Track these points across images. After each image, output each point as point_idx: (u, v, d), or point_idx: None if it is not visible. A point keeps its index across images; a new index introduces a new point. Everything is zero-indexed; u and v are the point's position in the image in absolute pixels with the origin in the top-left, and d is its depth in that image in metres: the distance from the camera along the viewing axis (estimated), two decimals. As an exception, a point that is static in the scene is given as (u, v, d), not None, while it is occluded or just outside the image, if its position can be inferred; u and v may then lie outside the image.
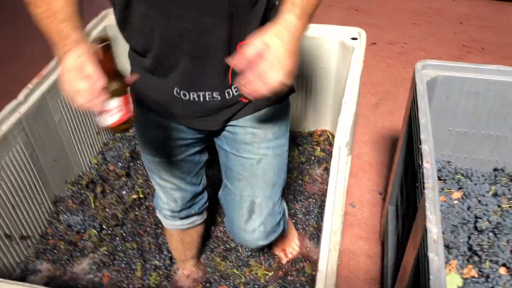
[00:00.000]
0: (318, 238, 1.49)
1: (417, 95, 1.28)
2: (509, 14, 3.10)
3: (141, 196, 1.59)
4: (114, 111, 0.81)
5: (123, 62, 0.98)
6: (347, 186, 1.97)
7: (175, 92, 0.94)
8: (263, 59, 0.73)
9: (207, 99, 0.94)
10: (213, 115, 0.99)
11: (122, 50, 0.94)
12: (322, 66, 1.69)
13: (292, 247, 1.47)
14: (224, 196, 1.19)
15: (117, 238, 1.49)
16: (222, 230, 1.52)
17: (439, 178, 1.53)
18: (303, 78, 1.75)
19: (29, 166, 1.40)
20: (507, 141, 1.48)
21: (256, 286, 1.36)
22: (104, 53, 0.79)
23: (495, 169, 1.53)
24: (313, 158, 1.79)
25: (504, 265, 1.23)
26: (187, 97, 0.94)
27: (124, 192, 1.60)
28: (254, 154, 1.06)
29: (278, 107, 1.05)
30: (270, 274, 1.40)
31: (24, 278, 1.37)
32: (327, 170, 1.77)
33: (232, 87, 0.95)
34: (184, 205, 1.18)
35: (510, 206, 1.36)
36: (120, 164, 1.68)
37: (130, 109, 0.83)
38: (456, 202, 1.42)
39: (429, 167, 1.08)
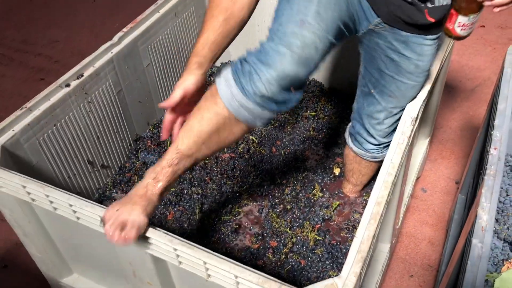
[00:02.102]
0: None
1: (502, 79, 1.20)
2: None
3: (212, 146, 1.68)
4: (471, 26, 1.02)
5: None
6: (423, 170, 1.91)
7: None
8: None
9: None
10: (394, 8, 1.05)
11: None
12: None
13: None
14: (364, 99, 1.30)
15: (185, 182, 1.60)
16: (286, 192, 1.57)
17: (520, 174, 1.43)
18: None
19: (116, 103, 1.53)
20: None
21: (304, 247, 1.40)
22: None
23: None
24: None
25: None
26: None
27: (198, 141, 1.70)
28: (412, 80, 1.18)
29: (439, 41, 1.17)
30: (320, 239, 1.42)
31: (100, 203, 1.53)
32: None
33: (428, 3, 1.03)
34: (305, 58, 0.97)
35: None
36: (198, 114, 1.77)
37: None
38: (531, 200, 1.32)
39: (495, 154, 1.02)
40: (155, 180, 1.00)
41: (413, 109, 1.16)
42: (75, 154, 1.44)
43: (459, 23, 1.01)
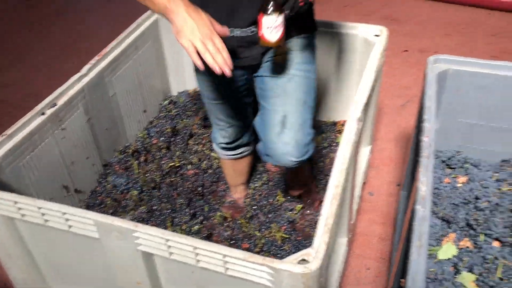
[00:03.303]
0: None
1: (426, 84, 1.43)
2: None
3: (177, 164, 1.80)
4: (280, 28, 1.07)
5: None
6: (368, 177, 2.12)
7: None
8: None
9: (249, 33, 1.21)
10: (250, 48, 1.25)
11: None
12: (348, 60, 1.86)
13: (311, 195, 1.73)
14: (259, 118, 1.39)
15: (154, 199, 1.71)
16: (253, 199, 1.71)
17: (449, 167, 1.67)
18: (330, 70, 1.93)
19: (87, 130, 1.64)
20: (513, 133, 1.59)
21: (273, 246, 1.54)
22: None
23: (503, 160, 1.64)
24: (334, 144, 1.96)
25: (497, 239, 1.35)
26: (232, 33, 1.19)
27: (163, 162, 1.82)
28: (285, 74, 1.30)
29: (305, 39, 1.32)
30: (287, 237, 1.57)
31: (75, 226, 1.60)
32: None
33: None
34: (235, 137, 1.53)
35: (509, 189, 1.48)
36: (162, 138, 1.90)
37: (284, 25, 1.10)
38: (460, 185, 1.55)
39: (427, 141, 1.23)
40: None
41: (356, 111, 1.36)
42: (52, 179, 1.52)
43: (266, 26, 1.07)
